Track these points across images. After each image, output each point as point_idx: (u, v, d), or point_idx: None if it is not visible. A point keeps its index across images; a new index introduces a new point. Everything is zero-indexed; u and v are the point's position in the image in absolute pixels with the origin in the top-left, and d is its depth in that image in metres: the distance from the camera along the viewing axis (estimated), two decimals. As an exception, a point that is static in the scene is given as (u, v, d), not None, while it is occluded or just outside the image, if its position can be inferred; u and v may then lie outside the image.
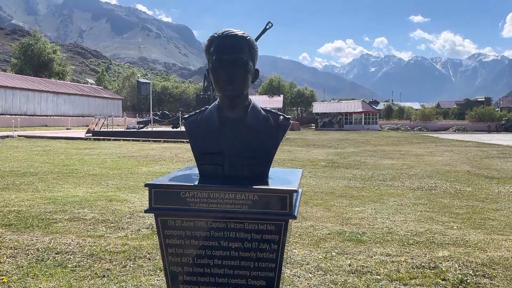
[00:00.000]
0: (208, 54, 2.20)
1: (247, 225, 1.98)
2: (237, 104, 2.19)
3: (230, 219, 1.98)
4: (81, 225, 5.12)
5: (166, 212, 2.02)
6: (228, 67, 2.09)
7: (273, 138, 2.20)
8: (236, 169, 2.15)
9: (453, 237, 4.80)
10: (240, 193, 1.95)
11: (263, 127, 2.19)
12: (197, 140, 2.23)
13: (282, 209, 1.93)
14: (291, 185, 2.01)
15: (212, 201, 1.98)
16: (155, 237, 4.64)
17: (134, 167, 11.56)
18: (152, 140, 24.07)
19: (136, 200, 6.70)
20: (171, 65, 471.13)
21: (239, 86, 2.13)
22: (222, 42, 2.13)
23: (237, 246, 2.00)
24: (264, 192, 1.94)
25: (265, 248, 1.99)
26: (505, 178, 10.96)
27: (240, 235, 1.99)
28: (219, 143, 2.17)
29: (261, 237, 1.98)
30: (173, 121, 28.94)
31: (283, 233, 1.96)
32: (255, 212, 1.94)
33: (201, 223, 2.01)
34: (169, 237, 2.05)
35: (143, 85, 72.03)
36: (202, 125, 2.24)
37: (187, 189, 1.99)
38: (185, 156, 15.15)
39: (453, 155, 17.96)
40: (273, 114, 2.29)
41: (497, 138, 37.26)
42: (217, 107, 2.26)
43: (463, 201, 7.51)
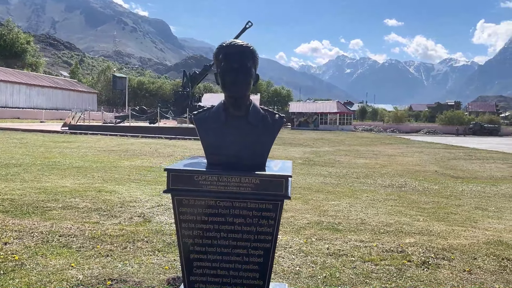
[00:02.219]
0: (217, 60, 2.60)
1: (249, 204, 2.39)
2: (240, 104, 2.60)
3: (235, 199, 2.39)
4: (75, 212, 5.41)
5: (181, 192, 2.41)
6: (234, 72, 2.50)
7: (270, 134, 2.62)
8: (239, 159, 2.55)
9: (419, 228, 5.34)
10: (245, 177, 2.36)
11: (262, 124, 2.61)
12: (206, 134, 2.62)
13: (279, 191, 2.35)
14: (286, 172, 2.44)
15: (221, 183, 2.38)
16: (149, 224, 4.99)
17: (116, 161, 11.76)
18: (130, 135, 24.11)
19: (124, 191, 7.00)
20: (146, 60, 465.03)
21: (243, 89, 2.54)
22: (230, 50, 2.53)
23: (240, 221, 2.41)
24: (264, 177, 2.36)
25: (264, 224, 2.40)
26: (469, 178, 11.73)
27: (243, 213, 2.40)
28: (225, 136, 2.57)
29: (260, 214, 2.40)
30: (151, 117, 28.99)
31: (279, 211, 2.39)
32: (257, 193, 2.36)
33: (210, 202, 2.41)
34: (183, 213, 2.44)
35: (119, 79, 71.38)
36: (210, 121, 2.63)
37: (200, 173, 2.39)
38: (165, 151, 15.40)
39: (423, 156, 18.83)
40: (270, 113, 2.71)
41: (465, 141, 38.82)
42: (222, 106, 2.66)
43: (430, 198, 8.12)
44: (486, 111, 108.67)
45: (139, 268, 3.48)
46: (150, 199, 6.44)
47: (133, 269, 3.46)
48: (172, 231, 4.58)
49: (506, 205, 7.64)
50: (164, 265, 3.58)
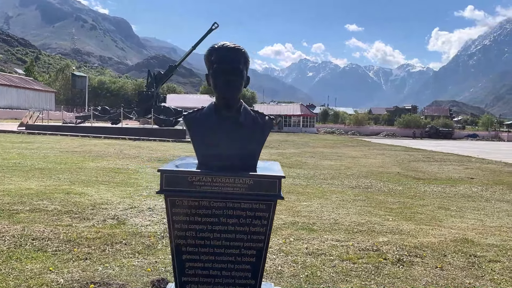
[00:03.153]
0: (209, 62, 2.61)
1: (243, 204, 2.42)
2: (231, 105, 2.63)
3: (229, 200, 2.41)
4: (45, 215, 5.23)
5: (175, 193, 2.41)
6: (226, 74, 2.52)
7: (260, 135, 2.66)
8: (231, 160, 2.57)
9: (389, 227, 5.53)
10: (239, 178, 2.39)
11: (253, 125, 2.65)
12: (198, 134, 2.63)
13: (272, 191, 2.40)
14: (279, 172, 2.49)
15: (215, 184, 2.39)
16: (124, 226, 4.90)
17: (81, 162, 11.43)
18: (92, 136, 23.47)
19: (94, 194, 6.83)
20: (107, 58, 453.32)
21: (235, 91, 2.57)
22: (223, 53, 2.56)
23: (234, 221, 2.44)
24: (258, 178, 2.40)
25: (257, 224, 2.44)
26: (430, 179, 12.22)
27: (237, 213, 2.43)
28: (217, 137, 2.59)
29: (254, 214, 2.43)
30: (114, 117, 28.31)
31: (272, 211, 2.43)
32: (251, 193, 2.39)
33: (204, 203, 2.42)
34: (176, 214, 2.43)
35: (79, 78, 69.22)
36: (202, 122, 2.64)
37: (194, 174, 2.40)
38: (131, 152, 15.11)
39: (385, 158, 19.43)
40: (260, 114, 2.75)
41: (422, 143, 40.34)
42: (213, 107, 2.68)
43: (396, 198, 8.42)
44: (440, 115, 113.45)
45: (121, 271, 3.43)
46: (122, 201, 6.32)
47: (115, 272, 3.40)
48: (150, 233, 4.53)
49: (466, 204, 8.03)
50: (146, 267, 3.54)
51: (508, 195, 9.61)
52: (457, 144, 42.61)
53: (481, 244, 4.80)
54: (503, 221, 6.47)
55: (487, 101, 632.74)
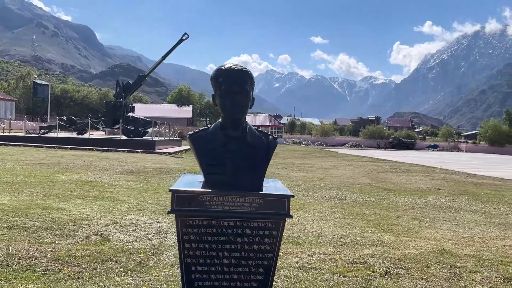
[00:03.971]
0: (216, 82, 2.67)
1: (252, 223, 2.47)
2: (238, 125, 2.69)
3: (239, 219, 2.46)
4: (24, 233, 5.07)
5: (186, 213, 2.43)
6: (234, 96, 2.59)
7: (266, 154, 2.74)
8: (237, 179, 2.63)
9: (371, 239, 5.70)
10: (249, 197, 2.45)
11: (258, 145, 2.72)
12: (204, 153, 2.67)
13: (281, 210, 2.47)
14: (286, 191, 2.56)
15: (226, 203, 2.44)
16: (109, 243, 4.82)
17: (51, 175, 11.08)
18: (57, 147, 22.78)
19: (71, 208, 6.66)
20: (69, 66, 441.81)
21: (242, 111, 2.65)
22: (230, 74, 2.62)
23: (243, 240, 2.48)
24: (268, 197, 2.46)
25: (266, 242, 2.50)
26: (400, 190, 12.62)
27: (246, 232, 2.48)
28: (223, 156, 2.64)
29: (263, 232, 2.49)
30: (80, 128, 27.58)
31: (281, 229, 2.50)
32: (260, 212, 2.45)
33: (214, 222, 2.46)
34: (186, 234, 2.45)
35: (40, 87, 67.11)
36: (208, 141, 2.69)
37: (205, 194, 2.43)
38: (101, 164, 14.78)
39: (354, 169, 19.88)
40: (265, 134, 2.83)
41: (386, 154, 41.50)
42: (220, 126, 2.73)
43: (371, 210, 8.65)
44: (403, 126, 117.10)
45: (116, 290, 3.38)
46: (102, 217, 6.20)
47: (110, 291, 3.36)
48: (139, 250, 4.47)
49: (438, 215, 8.35)
50: (141, 285, 3.51)
51: (474, 205, 10.05)
52: (419, 155, 44.11)
53: (459, 254, 5.03)
54: (474, 232, 6.78)
55: (445, 113, 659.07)
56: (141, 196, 8.42)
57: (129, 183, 10.63)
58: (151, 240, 5.07)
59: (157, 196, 8.58)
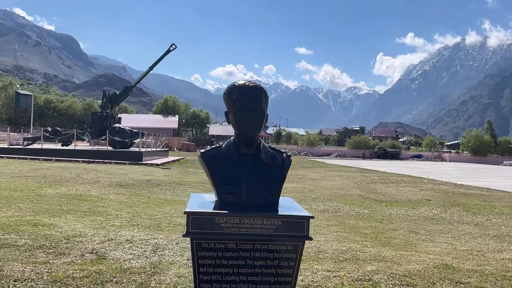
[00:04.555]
0: (230, 99, 2.59)
1: (271, 246, 2.38)
2: (252, 143, 2.61)
3: (257, 241, 2.36)
4: (16, 251, 4.87)
5: (202, 236, 2.33)
6: (249, 113, 2.51)
7: (281, 172, 2.66)
8: (252, 198, 2.54)
9: (371, 254, 5.64)
10: (267, 219, 2.36)
11: (273, 163, 2.64)
12: (218, 172, 2.58)
13: (301, 232, 2.38)
14: (304, 212, 2.48)
15: (243, 225, 2.34)
16: (106, 261, 4.65)
17: (38, 189, 10.80)
18: (42, 159, 22.31)
19: (63, 225, 6.46)
20: (52, 76, 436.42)
21: (257, 129, 2.57)
22: (245, 91, 2.55)
23: (261, 264, 2.39)
24: (286, 218, 2.38)
25: (284, 265, 2.41)
26: (391, 201, 12.64)
27: (264, 255, 2.38)
28: (238, 175, 2.55)
29: (281, 255, 2.40)
30: (65, 139, 27.11)
31: (300, 252, 2.41)
32: (279, 235, 2.36)
33: (231, 245, 2.36)
34: (202, 258, 2.35)
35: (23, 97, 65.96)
36: (222, 160, 2.60)
37: (222, 216, 2.34)
38: (88, 177, 14.48)
39: (343, 179, 19.91)
40: (278, 152, 2.75)
41: (372, 164, 41.79)
42: (233, 144, 2.65)
43: (366, 222, 8.61)
44: (387, 136, 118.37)
45: (120, 314, 3.24)
46: (96, 233, 6.02)
47: (114, 315, 3.21)
48: (139, 269, 4.32)
49: (433, 227, 8.35)
50: (144, 309, 3.36)
51: (466, 217, 10.11)
52: (404, 165, 44.53)
53: (461, 269, 4.99)
54: (471, 244, 6.78)
55: (428, 123, 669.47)
56: (133, 211, 8.23)
57: (119, 196, 10.42)
58: (148, 258, 4.92)
59: (150, 211, 8.41)
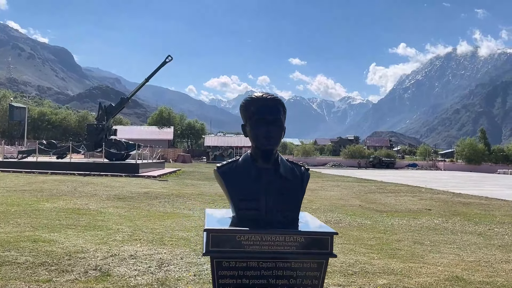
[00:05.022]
0: (247, 112, 2.52)
1: (293, 264, 2.29)
2: (270, 156, 2.54)
3: (279, 259, 2.28)
4: (17, 269, 4.73)
5: (222, 254, 2.24)
6: (268, 126, 2.44)
7: (300, 187, 2.58)
8: (272, 214, 2.46)
9: (380, 267, 5.54)
10: (289, 236, 2.28)
11: (292, 177, 2.56)
12: (235, 187, 2.50)
13: (324, 249, 2.30)
14: (327, 228, 2.40)
15: (264, 243, 2.26)
16: (111, 278, 4.53)
17: (35, 203, 10.62)
18: (37, 172, 22.07)
19: (63, 240, 6.32)
20: (45, 88, 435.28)
21: (276, 142, 2.49)
22: (263, 103, 2.48)
23: (284, 283, 2.30)
24: (310, 235, 2.30)
25: (307, 284, 2.32)
26: (391, 211, 12.56)
27: (287, 273, 2.30)
28: (256, 190, 2.47)
29: (304, 274, 2.31)
30: (60, 151, 26.86)
31: (324, 269, 2.33)
32: (302, 252, 2.28)
33: (252, 264, 2.27)
34: (222, 277, 2.26)
35: (17, 109, 65.78)
36: (239, 174, 2.52)
37: (243, 233, 2.25)
38: (86, 190, 14.31)
39: (341, 190, 19.83)
40: (296, 165, 2.68)
41: (368, 173, 41.75)
42: (250, 158, 2.57)
43: (369, 233, 8.52)
44: (382, 146, 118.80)
45: (130, 335, 3.12)
46: (98, 249, 5.88)
47: (124, 336, 3.09)
48: (147, 286, 4.20)
49: (437, 238, 8.28)
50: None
51: (468, 226, 10.05)
52: (400, 174, 44.55)
53: (473, 281, 4.92)
54: (478, 255, 6.71)
55: (422, 132, 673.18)
56: (134, 224, 8.09)
57: (118, 210, 10.26)
58: (154, 274, 4.80)
59: (151, 224, 8.27)
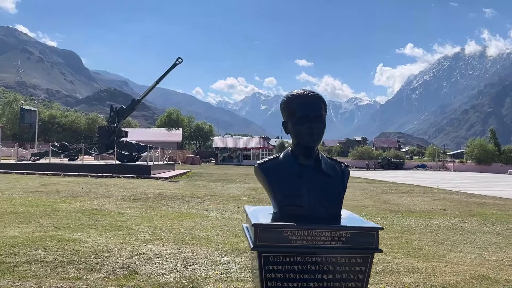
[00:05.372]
0: (289, 109, 2.56)
1: (339, 259, 2.32)
2: (311, 153, 2.57)
3: (326, 254, 2.31)
4: (47, 267, 4.81)
5: (269, 249, 2.27)
6: (310, 122, 2.48)
7: (341, 183, 2.61)
8: (314, 210, 2.49)
9: (404, 266, 5.54)
10: (335, 231, 2.31)
11: (333, 173, 2.59)
12: (278, 184, 2.53)
13: (370, 244, 2.33)
14: (371, 223, 2.43)
15: (311, 238, 2.29)
16: (139, 276, 4.58)
17: (53, 204, 10.74)
18: (50, 174, 22.28)
19: (87, 239, 6.39)
20: (54, 92, 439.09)
21: (318, 139, 2.52)
22: (305, 100, 2.52)
23: (330, 277, 2.33)
24: (355, 230, 2.32)
25: (353, 278, 2.35)
26: (406, 212, 12.52)
27: (333, 268, 2.33)
28: (299, 187, 2.51)
29: (350, 268, 2.34)
30: (72, 153, 27.12)
31: (369, 265, 2.35)
32: (348, 247, 2.31)
33: (299, 258, 2.30)
34: (269, 272, 2.29)
35: (27, 112, 66.45)
36: (281, 171, 2.55)
37: (290, 228, 2.29)
38: (101, 191, 14.43)
39: (354, 190, 19.77)
40: (336, 162, 2.71)
41: (377, 174, 41.59)
42: (291, 154, 2.60)
43: (387, 233, 8.50)
44: (390, 147, 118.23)
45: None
46: (122, 248, 5.95)
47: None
48: (178, 284, 4.25)
49: (456, 238, 8.25)
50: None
51: (486, 226, 9.99)
52: (409, 174, 44.35)
53: (499, 280, 4.91)
54: (500, 254, 6.68)
55: (430, 132, 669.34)
56: (153, 225, 8.16)
57: (135, 210, 10.35)
58: (181, 272, 4.84)
59: (170, 224, 8.33)
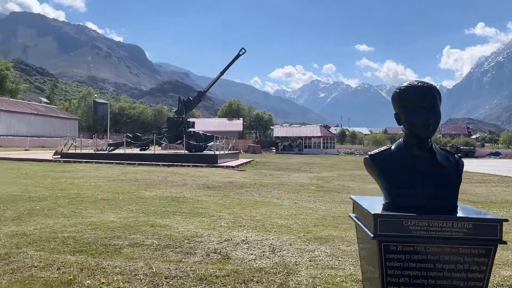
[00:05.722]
0: (401, 101, 2.58)
1: (461, 250, 2.34)
2: (425, 144, 2.58)
3: (446, 245, 2.33)
4: (147, 250, 5.19)
5: (389, 238, 2.34)
6: (426, 113, 2.48)
7: (456, 174, 2.60)
8: (430, 201, 2.51)
9: (496, 258, 5.34)
10: (457, 222, 2.32)
11: (448, 164, 2.59)
12: (391, 175, 2.58)
13: (493, 235, 2.32)
14: (489, 215, 2.41)
15: (431, 228, 2.33)
16: (232, 261, 4.81)
17: (136, 192, 11.44)
18: (126, 163, 23.63)
19: (176, 225, 6.79)
20: (121, 85, 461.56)
21: (434, 130, 2.53)
22: (419, 91, 2.52)
23: (451, 268, 2.35)
24: (478, 222, 2.32)
25: (475, 269, 2.35)
26: (487, 202, 11.93)
27: (454, 258, 2.35)
28: (412, 178, 2.54)
29: (472, 259, 2.35)
30: (143, 144, 28.58)
31: (492, 256, 2.35)
32: (470, 238, 2.31)
33: (419, 248, 2.35)
34: (389, 260, 2.36)
35: (100, 105, 70.38)
36: (394, 162, 2.59)
37: (410, 219, 2.34)
38: (175, 179, 15.12)
39: (425, 180, 19.11)
40: (450, 153, 2.70)
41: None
42: (404, 146, 2.63)
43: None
44: (459, 134, 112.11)
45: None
46: (210, 234, 6.26)
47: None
48: (273, 270, 4.44)
49: (549, 230, 7.76)
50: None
51: None
52: (482, 163, 41.92)
53: None
54: None
55: (503, 118, 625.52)
56: (232, 212, 8.46)
57: (211, 198, 10.76)
58: (270, 258, 5.02)
59: (247, 212, 8.60)
